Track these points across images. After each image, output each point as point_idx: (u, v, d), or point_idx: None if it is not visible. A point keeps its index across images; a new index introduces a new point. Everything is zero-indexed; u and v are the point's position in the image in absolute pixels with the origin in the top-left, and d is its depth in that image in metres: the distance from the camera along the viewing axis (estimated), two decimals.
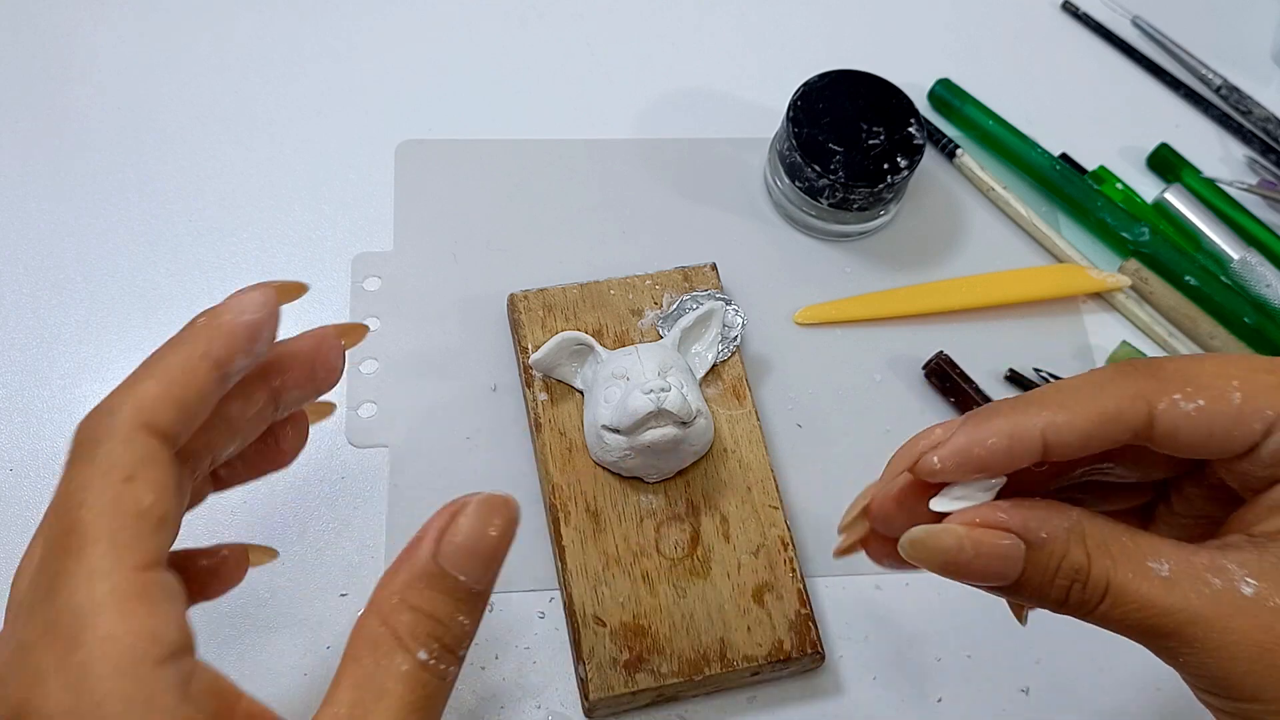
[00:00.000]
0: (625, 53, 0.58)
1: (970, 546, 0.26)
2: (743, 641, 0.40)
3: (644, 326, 0.45)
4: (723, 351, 0.45)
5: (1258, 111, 0.59)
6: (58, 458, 0.45)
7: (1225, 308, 0.52)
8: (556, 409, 0.44)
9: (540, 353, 0.42)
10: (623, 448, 0.40)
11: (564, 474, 0.42)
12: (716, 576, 0.41)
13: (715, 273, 0.47)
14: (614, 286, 0.46)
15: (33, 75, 0.54)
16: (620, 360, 0.41)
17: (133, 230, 0.51)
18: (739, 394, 0.45)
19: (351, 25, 0.58)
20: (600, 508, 0.42)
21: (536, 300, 0.45)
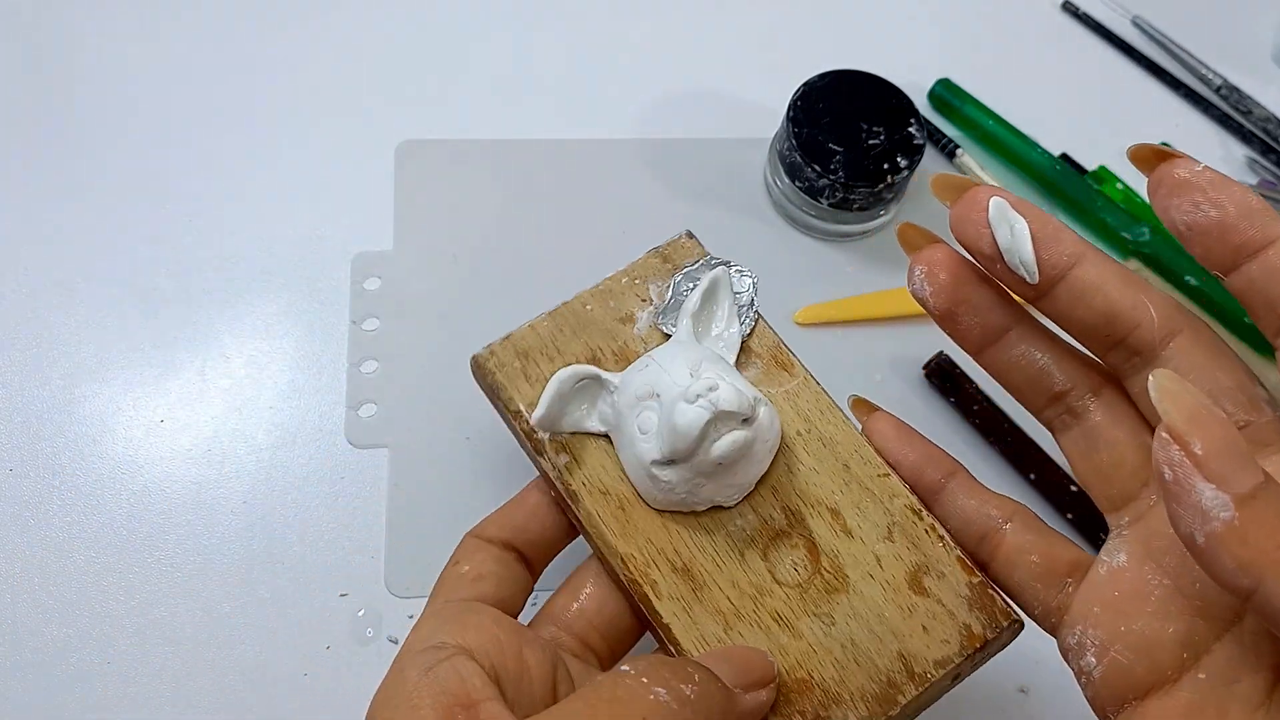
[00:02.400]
0: (625, 53, 0.58)
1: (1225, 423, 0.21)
2: (925, 646, 0.32)
3: (642, 332, 0.36)
4: (745, 321, 0.36)
5: (1258, 111, 0.59)
6: (57, 458, 0.46)
7: (1225, 307, 0.52)
8: (585, 468, 0.34)
9: (541, 410, 0.33)
10: (686, 479, 0.32)
11: (629, 540, 0.33)
12: (858, 582, 0.33)
13: (695, 240, 0.38)
14: (589, 300, 0.37)
15: (33, 76, 0.54)
16: (639, 379, 0.32)
17: (133, 230, 0.51)
18: (783, 363, 0.36)
19: (351, 25, 0.58)
20: (689, 560, 0.33)
21: (506, 352, 0.36)
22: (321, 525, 0.45)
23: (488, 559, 0.33)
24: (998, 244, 0.27)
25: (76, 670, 0.42)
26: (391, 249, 0.51)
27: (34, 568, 0.44)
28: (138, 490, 0.45)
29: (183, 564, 0.44)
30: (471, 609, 0.31)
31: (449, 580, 0.33)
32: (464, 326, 0.50)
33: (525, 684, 0.29)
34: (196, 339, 0.49)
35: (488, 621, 0.30)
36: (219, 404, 0.47)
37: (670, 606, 0.32)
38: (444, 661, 0.27)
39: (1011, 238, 0.27)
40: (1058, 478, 0.48)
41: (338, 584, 0.44)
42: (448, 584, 0.33)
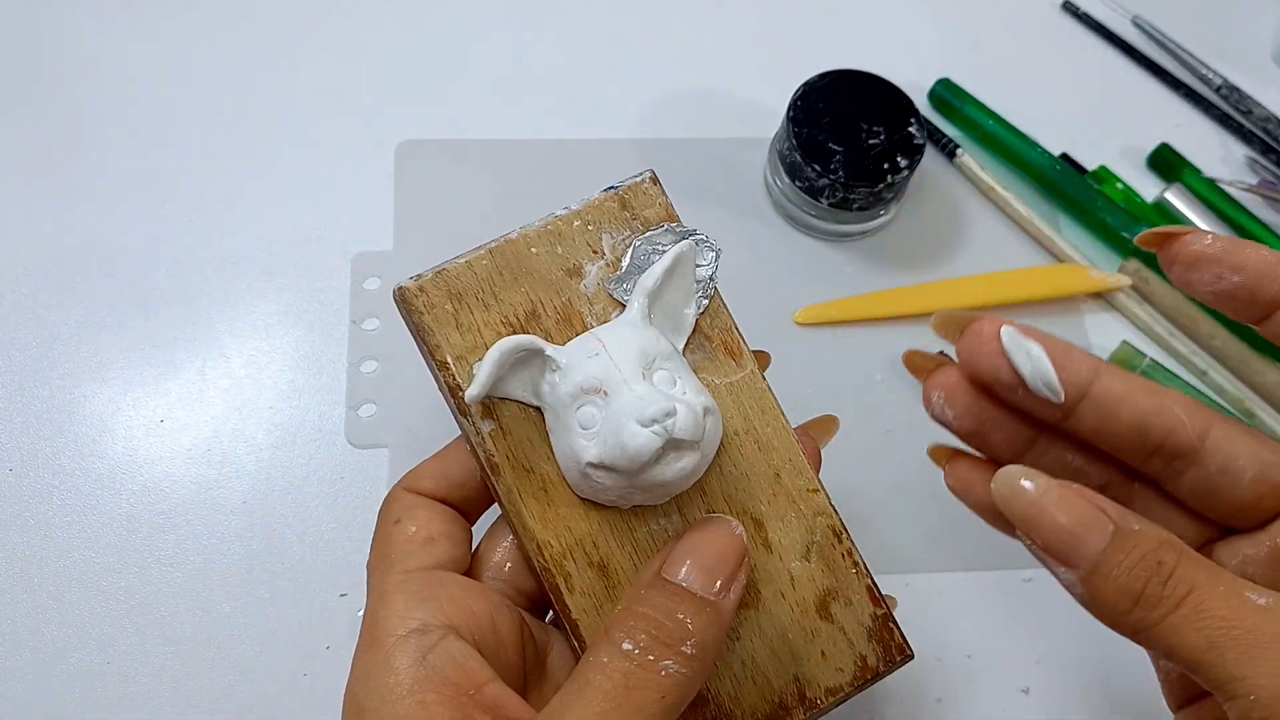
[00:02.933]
0: (625, 53, 0.58)
1: (1059, 503, 0.24)
2: (821, 672, 0.32)
3: (589, 290, 0.32)
4: (701, 300, 0.33)
5: (1258, 111, 0.59)
6: (57, 458, 0.46)
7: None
8: (512, 438, 0.31)
9: (477, 388, 0.29)
10: (621, 486, 0.30)
11: (548, 526, 0.31)
12: (769, 600, 0.32)
13: (659, 188, 0.34)
14: (533, 241, 0.33)
15: (33, 75, 0.54)
16: (585, 366, 0.30)
17: (133, 230, 0.51)
18: (733, 350, 0.33)
19: (351, 25, 0.58)
20: (606, 556, 0.31)
21: (437, 289, 0.32)
22: (321, 525, 0.45)
23: (434, 518, 0.31)
24: (1018, 372, 0.27)
25: (76, 670, 0.42)
26: (391, 249, 0.51)
27: (34, 568, 0.44)
28: (138, 490, 0.45)
29: (183, 564, 0.44)
30: (439, 579, 0.29)
31: (398, 543, 0.30)
32: None
33: (503, 653, 0.29)
34: (196, 339, 0.49)
35: (459, 593, 0.29)
36: (219, 404, 0.47)
37: (581, 602, 0.31)
38: (436, 646, 0.27)
39: (1030, 363, 0.27)
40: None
41: (338, 584, 0.44)
42: (398, 548, 0.30)
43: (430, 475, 0.32)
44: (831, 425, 0.36)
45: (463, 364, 0.31)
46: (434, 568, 0.30)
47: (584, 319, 0.32)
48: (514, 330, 0.31)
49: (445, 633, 0.27)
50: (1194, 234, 0.26)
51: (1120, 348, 0.51)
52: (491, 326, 0.31)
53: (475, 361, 0.30)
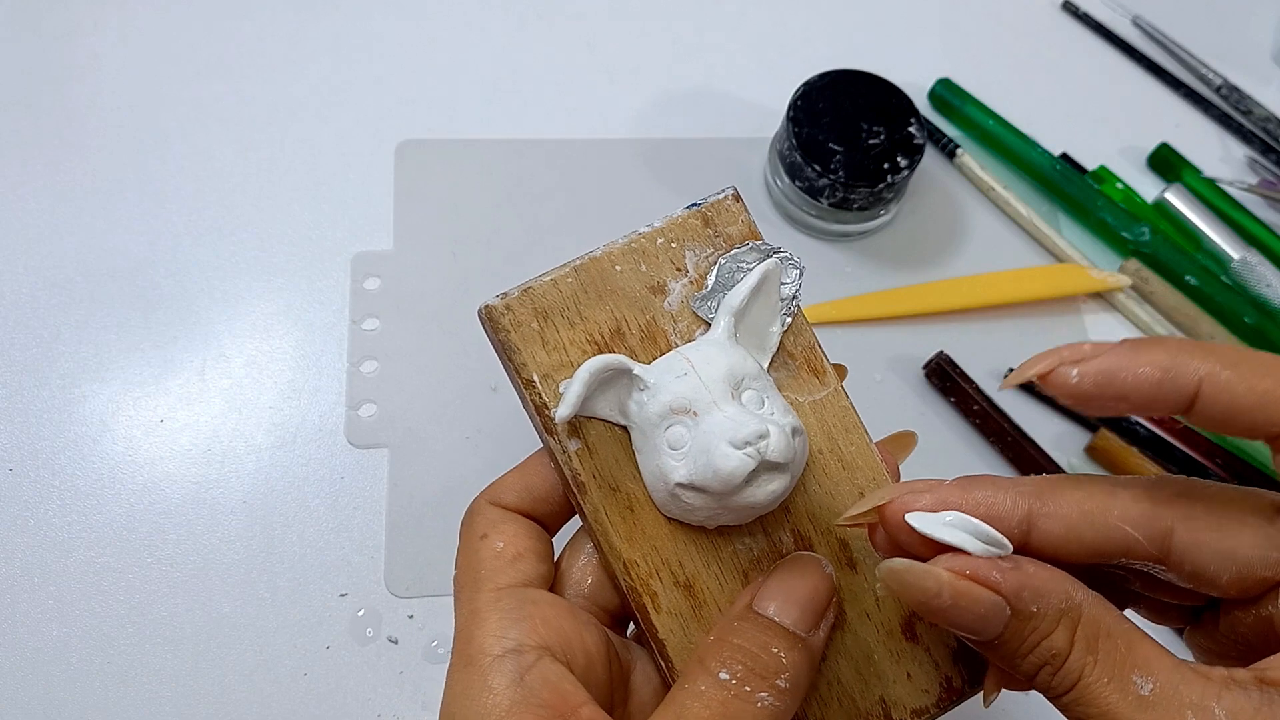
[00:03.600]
0: (625, 53, 0.58)
1: (949, 596, 0.24)
2: (906, 693, 0.32)
3: (673, 307, 0.32)
4: (786, 318, 0.33)
5: (1258, 111, 0.59)
6: (57, 458, 0.46)
7: (1225, 307, 0.52)
8: (597, 458, 0.31)
9: (566, 408, 0.29)
10: (710, 506, 0.30)
11: (634, 545, 0.31)
12: (854, 621, 0.32)
13: (742, 205, 0.34)
14: (618, 259, 0.33)
15: (33, 76, 0.54)
16: (673, 386, 0.30)
17: (133, 230, 0.51)
18: (816, 368, 0.33)
19: (351, 25, 0.58)
20: (692, 576, 0.31)
21: (523, 307, 0.32)
22: (321, 525, 0.45)
23: (520, 534, 0.31)
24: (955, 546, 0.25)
25: (76, 670, 0.42)
26: (391, 249, 0.51)
27: (34, 568, 0.44)
28: (138, 490, 0.45)
29: (183, 564, 0.44)
30: (530, 598, 0.29)
31: (486, 560, 0.30)
32: (464, 326, 0.50)
33: (592, 672, 0.29)
34: (196, 339, 0.49)
35: (551, 612, 0.29)
36: (219, 404, 0.47)
37: (668, 622, 0.31)
38: (533, 668, 0.27)
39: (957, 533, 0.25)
40: None
41: (337, 584, 0.44)
42: (487, 565, 0.30)
43: (513, 489, 0.32)
44: (910, 441, 0.35)
45: (549, 382, 0.31)
46: (523, 585, 0.30)
47: (668, 337, 0.32)
48: (599, 348, 0.31)
49: (540, 653, 0.27)
50: (1058, 372, 0.25)
51: None
52: (577, 344, 0.31)
53: (561, 380, 0.31)
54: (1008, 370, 0.51)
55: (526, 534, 0.31)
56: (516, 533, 0.31)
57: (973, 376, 0.50)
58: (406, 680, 0.43)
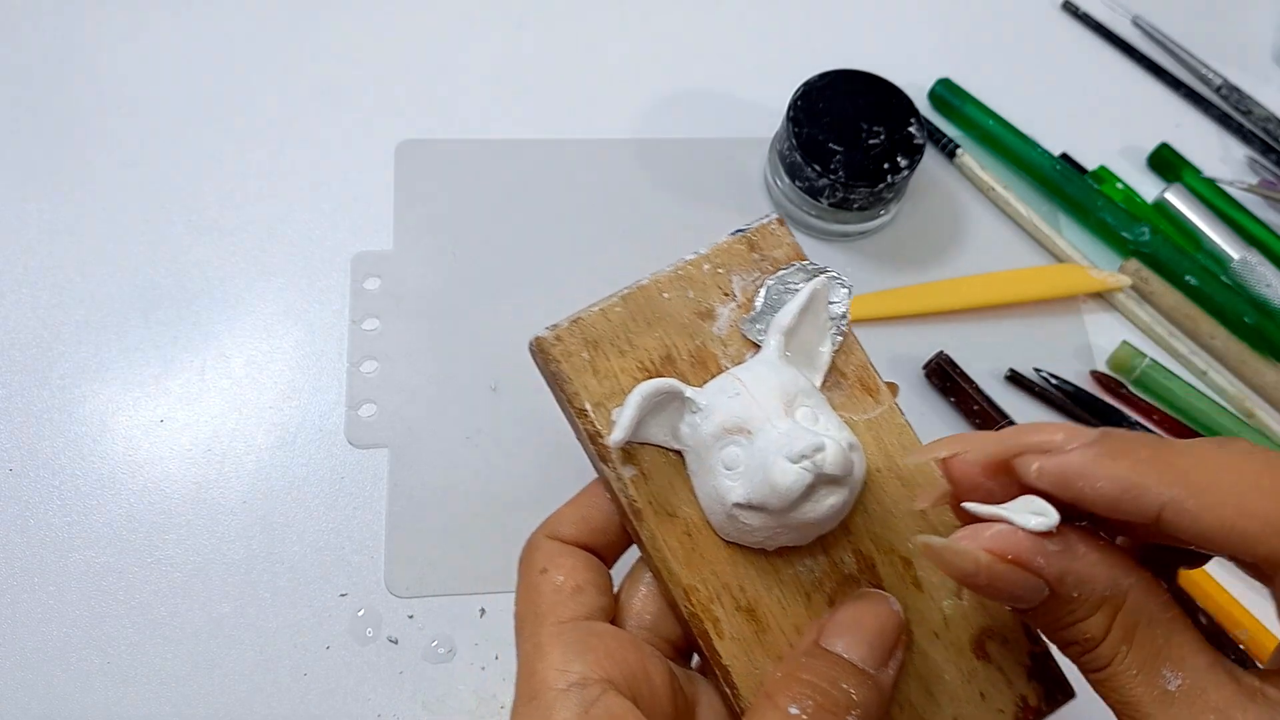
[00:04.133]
0: (625, 53, 0.58)
1: (986, 577, 0.24)
2: (980, 714, 0.31)
3: (721, 331, 0.32)
4: (836, 338, 0.33)
5: (1258, 111, 0.59)
6: (57, 458, 0.46)
7: (1225, 307, 0.52)
8: (652, 484, 0.31)
9: (620, 433, 0.29)
10: (769, 526, 0.29)
11: (694, 571, 0.30)
12: (922, 640, 0.31)
13: (786, 229, 0.34)
14: (664, 286, 0.32)
15: (33, 75, 0.54)
16: (727, 405, 0.30)
17: (133, 230, 0.51)
18: (869, 386, 0.33)
19: (351, 25, 0.58)
20: (754, 600, 0.31)
21: (573, 338, 0.32)
22: (321, 525, 0.45)
23: (579, 567, 0.31)
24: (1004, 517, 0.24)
25: (76, 670, 0.42)
26: (391, 249, 0.51)
27: (34, 568, 0.44)
28: (138, 490, 0.45)
29: (183, 564, 0.44)
30: (593, 631, 0.29)
31: (547, 594, 0.30)
32: (464, 326, 0.50)
33: (657, 706, 0.29)
34: (196, 339, 0.49)
35: (614, 644, 0.29)
36: (219, 404, 0.47)
37: (731, 648, 0.30)
38: (597, 702, 0.27)
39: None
40: None
41: (337, 584, 0.44)
42: (547, 598, 0.30)
43: (571, 521, 0.32)
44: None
45: (601, 410, 0.31)
46: (584, 618, 0.30)
47: (718, 360, 0.32)
48: (650, 375, 0.31)
49: (604, 687, 0.27)
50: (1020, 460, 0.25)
51: (1120, 348, 0.51)
52: (628, 372, 0.31)
53: (613, 407, 0.30)
54: (1008, 370, 0.51)
55: (585, 567, 0.31)
56: (575, 566, 0.31)
57: (973, 376, 0.50)
58: (406, 680, 0.43)
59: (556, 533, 0.32)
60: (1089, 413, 0.50)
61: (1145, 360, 0.51)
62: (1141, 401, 0.51)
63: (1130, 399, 0.51)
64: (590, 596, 0.30)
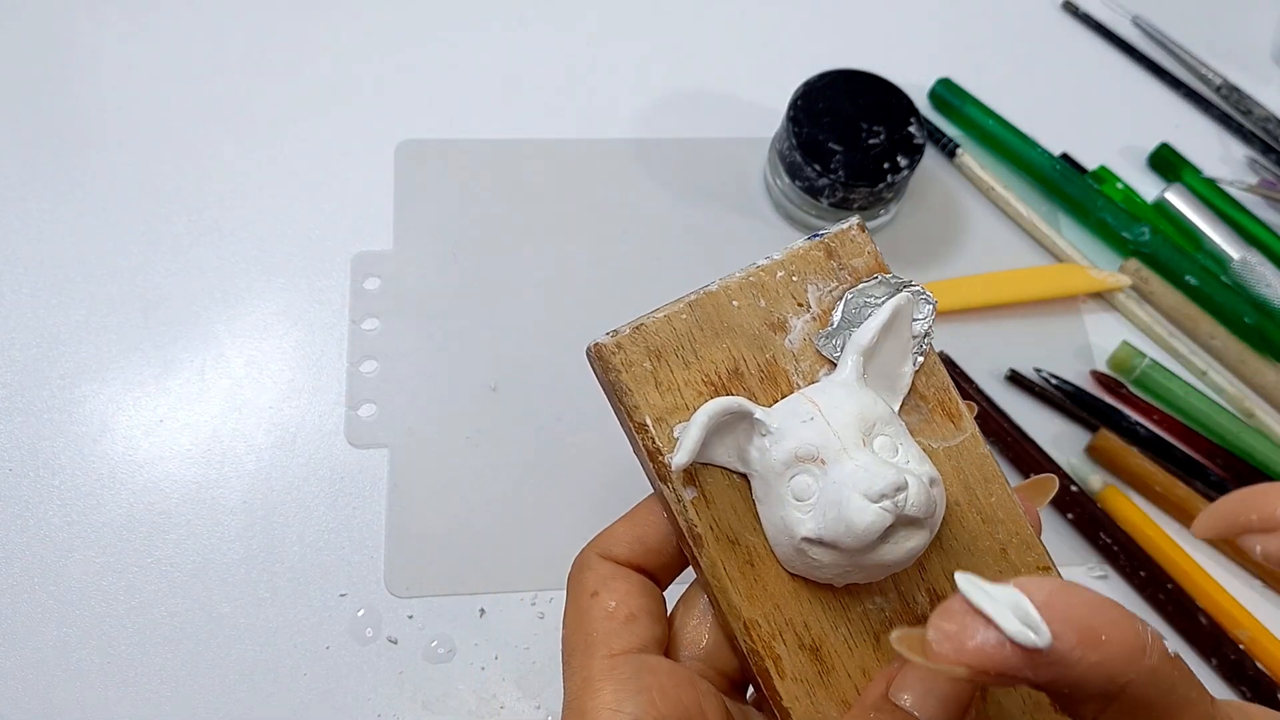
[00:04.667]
0: (625, 53, 0.58)
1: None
2: None
3: (794, 346, 0.30)
4: (916, 358, 0.31)
5: (1258, 111, 0.59)
6: (57, 458, 0.46)
7: (1225, 307, 0.52)
8: (715, 508, 0.29)
9: (684, 455, 0.27)
10: (839, 564, 0.27)
11: (755, 604, 0.28)
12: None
13: (866, 235, 0.31)
14: (735, 294, 0.30)
15: (33, 75, 0.54)
16: (799, 431, 0.27)
17: (133, 230, 0.51)
18: (951, 412, 0.30)
19: (351, 25, 0.58)
20: (819, 638, 0.29)
21: (635, 346, 0.29)
22: (321, 525, 0.45)
23: (633, 592, 0.29)
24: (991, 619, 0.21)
25: (76, 670, 0.42)
26: (391, 249, 0.51)
27: (34, 568, 0.44)
28: (138, 490, 0.45)
29: (183, 564, 0.44)
30: (647, 667, 0.28)
31: (599, 620, 0.28)
32: (464, 326, 0.50)
33: None
34: (196, 339, 0.49)
35: (669, 682, 0.27)
36: (219, 404, 0.47)
37: (793, 689, 0.28)
38: None
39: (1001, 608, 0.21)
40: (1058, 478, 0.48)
41: (337, 584, 0.44)
42: (600, 626, 0.28)
43: (625, 541, 0.30)
44: (1049, 487, 0.32)
45: (662, 426, 0.28)
46: (638, 649, 0.28)
47: (790, 378, 0.29)
48: (716, 390, 0.29)
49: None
50: (1243, 539, 0.23)
51: (1120, 348, 0.51)
52: (692, 386, 0.29)
53: (676, 423, 0.28)
54: (1009, 370, 0.51)
55: (640, 592, 0.29)
56: (629, 591, 0.29)
57: (973, 376, 0.50)
58: (406, 680, 0.43)
59: (609, 552, 0.30)
60: (1089, 413, 0.50)
61: (1145, 360, 0.51)
62: (1141, 401, 0.51)
63: (1130, 399, 0.51)
64: (644, 626, 0.29)
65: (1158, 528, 0.48)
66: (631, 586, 0.29)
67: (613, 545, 0.30)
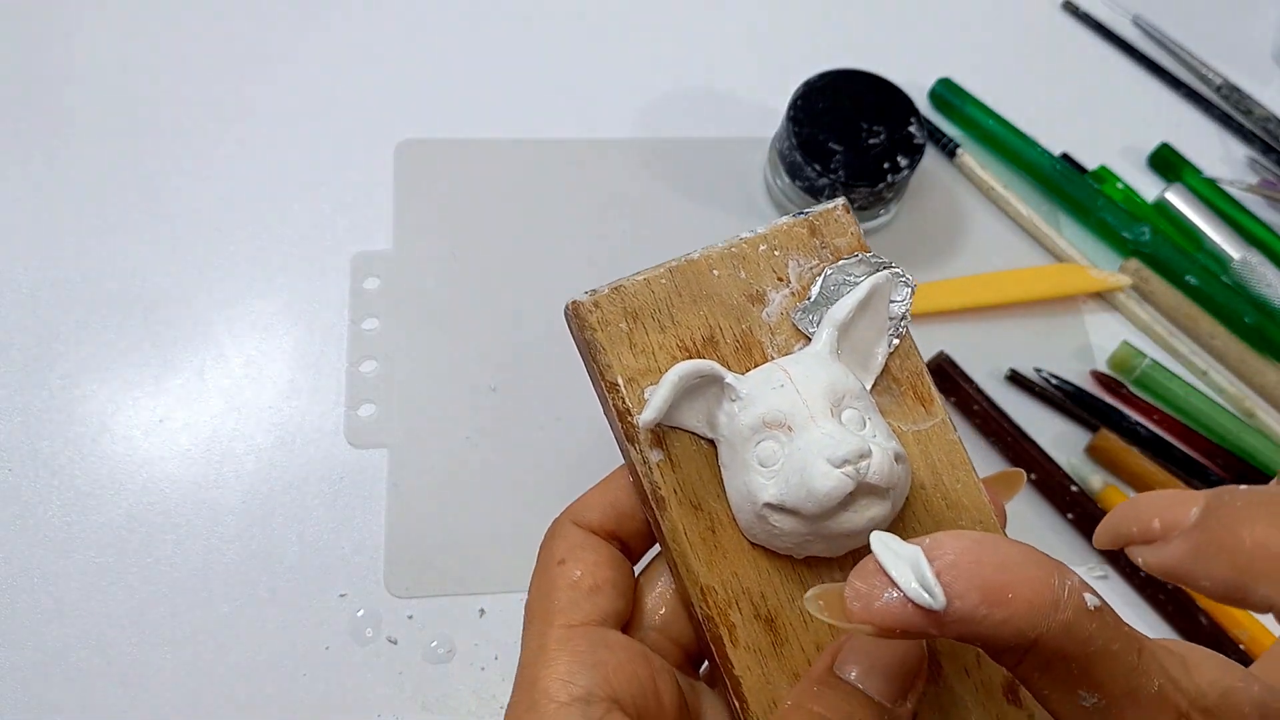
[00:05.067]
0: (625, 53, 0.58)
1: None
2: None
3: (771, 319, 0.30)
4: (891, 339, 0.31)
5: (1258, 111, 0.59)
6: (56, 458, 0.46)
7: (1226, 307, 0.52)
8: (680, 472, 0.29)
9: (651, 413, 0.27)
10: (800, 532, 0.27)
11: (713, 570, 0.29)
12: (951, 677, 0.29)
13: (851, 215, 0.31)
14: (716, 263, 0.30)
15: (32, 75, 0.54)
16: (768, 398, 0.28)
17: (133, 230, 0.51)
18: (922, 395, 0.31)
19: (351, 25, 0.58)
20: (775, 609, 0.29)
21: (612, 306, 0.30)
22: (321, 525, 0.45)
23: (600, 563, 0.29)
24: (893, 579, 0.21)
25: (76, 670, 0.42)
26: (391, 248, 0.51)
27: (34, 568, 0.44)
28: (137, 490, 0.45)
29: (182, 564, 0.44)
30: (604, 642, 0.27)
31: (562, 590, 0.28)
32: (464, 326, 0.50)
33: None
34: (195, 338, 0.49)
35: (625, 657, 0.27)
36: (218, 404, 0.47)
37: (745, 658, 0.28)
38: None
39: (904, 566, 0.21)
40: (1059, 477, 0.48)
41: (337, 584, 0.44)
42: (562, 595, 0.28)
43: (597, 506, 0.30)
44: (1017, 481, 0.32)
45: (634, 387, 0.29)
46: (597, 622, 0.28)
47: (764, 349, 0.30)
48: (690, 355, 0.29)
49: (609, 706, 0.26)
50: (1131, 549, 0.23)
51: (1120, 348, 0.51)
52: (667, 350, 0.29)
53: (647, 386, 0.28)
54: (1009, 370, 0.51)
55: (607, 564, 0.29)
56: (597, 562, 0.29)
57: (973, 376, 0.50)
58: (406, 681, 0.43)
59: (581, 518, 0.30)
60: (1089, 413, 0.50)
61: (1145, 360, 0.51)
62: (1142, 401, 0.51)
63: (1130, 399, 0.51)
64: (607, 599, 0.28)
65: None
66: (600, 557, 0.29)
67: (585, 511, 0.30)
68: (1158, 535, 0.22)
